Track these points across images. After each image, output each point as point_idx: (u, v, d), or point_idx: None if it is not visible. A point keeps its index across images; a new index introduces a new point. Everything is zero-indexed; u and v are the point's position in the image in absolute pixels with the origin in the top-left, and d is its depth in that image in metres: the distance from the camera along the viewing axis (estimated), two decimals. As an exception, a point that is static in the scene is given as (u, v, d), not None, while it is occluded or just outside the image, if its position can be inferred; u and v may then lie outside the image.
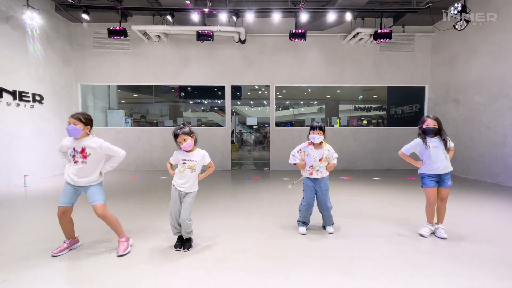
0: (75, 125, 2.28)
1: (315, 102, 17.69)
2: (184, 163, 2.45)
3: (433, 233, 2.86)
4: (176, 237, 2.56)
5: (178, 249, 2.50)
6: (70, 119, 2.30)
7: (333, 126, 9.47)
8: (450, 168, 2.77)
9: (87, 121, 2.35)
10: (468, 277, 2.06)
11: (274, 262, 2.30)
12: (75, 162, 2.32)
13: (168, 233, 2.97)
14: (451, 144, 2.79)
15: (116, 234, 2.49)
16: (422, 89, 8.25)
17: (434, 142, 2.76)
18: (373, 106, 15.11)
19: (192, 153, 2.48)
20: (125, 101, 11.08)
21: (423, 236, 2.80)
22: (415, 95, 8.50)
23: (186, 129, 2.43)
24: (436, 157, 2.73)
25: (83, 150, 2.32)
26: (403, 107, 9.36)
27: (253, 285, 1.95)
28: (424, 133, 2.78)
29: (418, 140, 2.84)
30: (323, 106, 16.41)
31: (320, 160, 2.85)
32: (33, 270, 2.14)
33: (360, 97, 14.59)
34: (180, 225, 2.48)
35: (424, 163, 2.83)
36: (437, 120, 2.76)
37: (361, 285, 1.96)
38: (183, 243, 2.52)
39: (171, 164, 2.59)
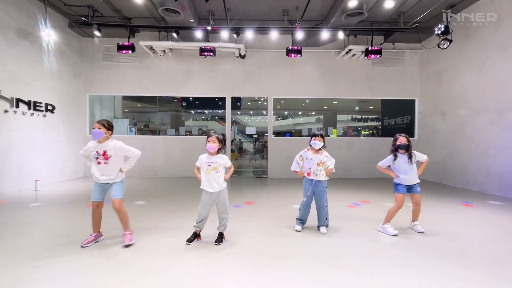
0: (99, 129, 2.72)
1: (313, 113, 18.24)
2: (209, 165, 2.85)
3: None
4: (193, 231, 3.00)
5: (188, 243, 2.88)
6: (95, 124, 2.74)
7: (329, 136, 9.86)
8: (416, 181, 3.23)
9: (109, 127, 2.81)
10: (456, 273, 2.40)
11: (269, 258, 2.64)
12: (98, 163, 2.75)
13: (170, 232, 3.31)
14: (422, 157, 3.24)
15: (123, 227, 2.89)
16: (412, 102, 8.71)
17: (403, 158, 3.22)
18: (369, 116, 15.63)
19: (216, 157, 2.89)
20: (128, 110, 11.51)
21: (396, 235, 3.18)
22: (406, 107, 8.95)
23: (220, 136, 2.87)
24: (404, 171, 3.21)
25: (104, 153, 2.74)
26: (395, 119, 9.79)
27: (251, 279, 2.29)
28: (398, 149, 3.24)
29: (391, 157, 3.29)
30: (321, 117, 16.95)
31: (318, 164, 3.23)
32: (56, 259, 2.48)
33: (356, 108, 15.11)
34: (202, 224, 2.95)
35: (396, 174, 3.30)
36: (407, 138, 3.23)
37: (351, 281, 2.30)
38: (217, 237, 2.95)
39: (198, 168, 2.94)
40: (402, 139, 3.21)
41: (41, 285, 2.09)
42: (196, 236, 2.96)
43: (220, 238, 2.92)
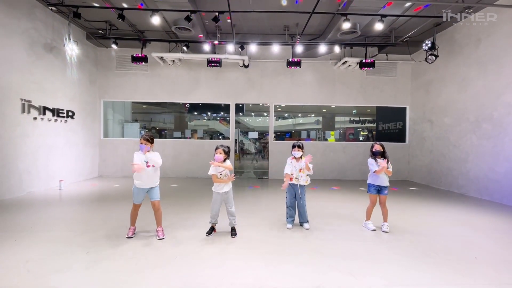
0: (145, 144, 3.35)
1: (313, 115, 18.91)
2: (221, 173, 3.53)
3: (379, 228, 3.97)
4: (210, 225, 3.67)
5: (208, 235, 3.54)
6: (141, 140, 3.35)
7: (326, 140, 10.50)
8: (386, 183, 3.83)
9: (151, 140, 3.42)
10: (424, 269, 3.06)
11: (270, 247, 3.30)
12: (148, 166, 3.38)
13: (189, 226, 3.97)
14: (389, 166, 3.81)
15: (157, 224, 3.55)
16: (404, 109, 9.34)
17: (380, 162, 3.83)
18: (367, 119, 16.29)
19: (224, 165, 3.50)
20: (135, 111, 12.12)
21: (373, 230, 3.85)
22: (399, 113, 9.58)
23: (226, 149, 3.52)
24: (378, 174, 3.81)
25: (147, 162, 3.39)
26: (389, 124, 10.43)
27: (246, 263, 2.95)
28: (374, 155, 3.87)
29: (371, 160, 3.91)
30: (320, 119, 17.60)
31: (300, 171, 3.87)
32: (104, 247, 3.14)
33: (354, 111, 15.77)
34: (216, 219, 3.60)
35: (371, 175, 3.91)
36: (382, 145, 3.85)
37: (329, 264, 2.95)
38: (231, 231, 3.61)
39: (215, 176, 3.51)
40: (377, 147, 3.84)
41: (98, 265, 2.74)
42: (212, 229, 3.63)
43: (233, 231, 3.59)
